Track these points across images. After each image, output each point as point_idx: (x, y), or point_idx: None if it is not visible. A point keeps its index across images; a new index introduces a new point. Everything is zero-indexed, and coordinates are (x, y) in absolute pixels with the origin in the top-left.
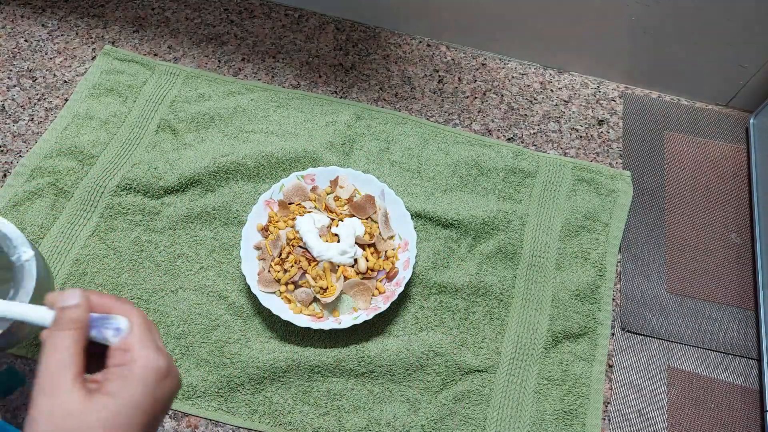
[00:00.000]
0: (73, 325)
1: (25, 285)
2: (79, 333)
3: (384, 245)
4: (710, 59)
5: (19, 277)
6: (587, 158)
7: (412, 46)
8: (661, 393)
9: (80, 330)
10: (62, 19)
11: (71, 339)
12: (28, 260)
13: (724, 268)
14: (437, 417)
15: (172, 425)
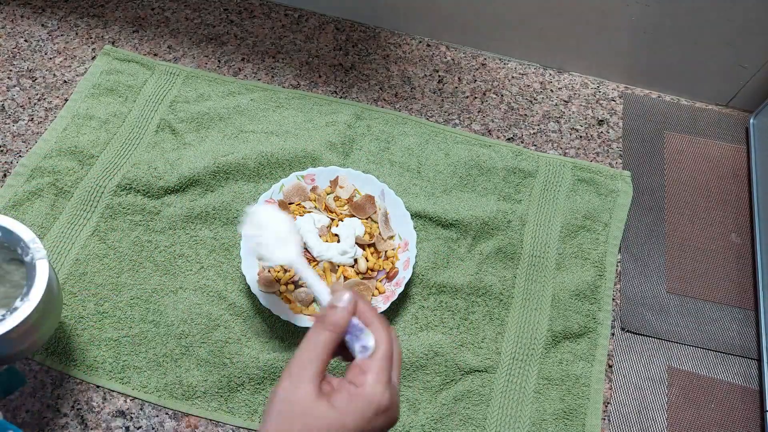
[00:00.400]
0: (333, 327)
1: (38, 284)
2: (335, 336)
3: (384, 245)
4: (710, 59)
5: (32, 274)
6: (587, 158)
7: (412, 46)
8: (661, 393)
9: (337, 333)
10: (62, 19)
11: (326, 339)
12: (41, 259)
13: (724, 268)
14: (437, 417)
15: (172, 425)
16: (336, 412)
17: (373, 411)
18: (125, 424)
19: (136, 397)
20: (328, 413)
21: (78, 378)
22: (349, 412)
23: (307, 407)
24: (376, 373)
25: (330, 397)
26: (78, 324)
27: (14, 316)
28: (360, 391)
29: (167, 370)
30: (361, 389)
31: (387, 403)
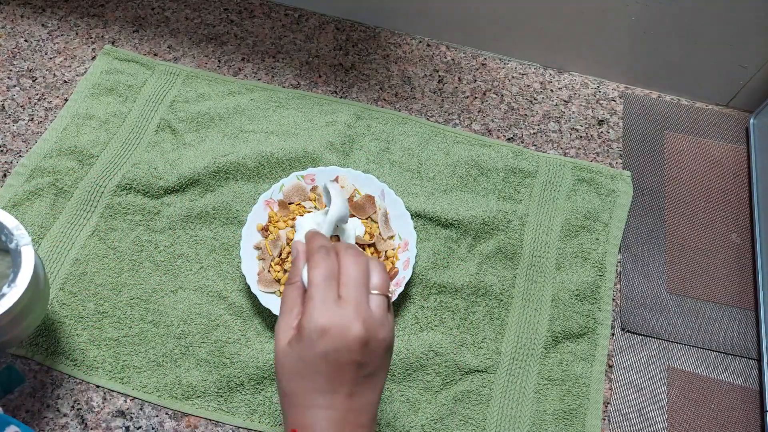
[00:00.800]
0: (290, 279)
1: (24, 270)
2: (292, 286)
3: (384, 245)
4: (710, 59)
5: (17, 261)
6: (587, 158)
7: (412, 46)
8: (661, 393)
9: (292, 284)
10: (62, 19)
11: (287, 292)
12: (26, 245)
13: (724, 268)
14: (437, 417)
15: (172, 425)
16: (291, 348)
17: (317, 333)
18: (125, 424)
19: (136, 397)
20: (290, 353)
21: (78, 378)
22: (302, 345)
23: (280, 356)
24: (309, 300)
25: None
26: (78, 324)
27: (1, 303)
28: (301, 322)
29: (167, 370)
30: (302, 319)
31: (325, 322)
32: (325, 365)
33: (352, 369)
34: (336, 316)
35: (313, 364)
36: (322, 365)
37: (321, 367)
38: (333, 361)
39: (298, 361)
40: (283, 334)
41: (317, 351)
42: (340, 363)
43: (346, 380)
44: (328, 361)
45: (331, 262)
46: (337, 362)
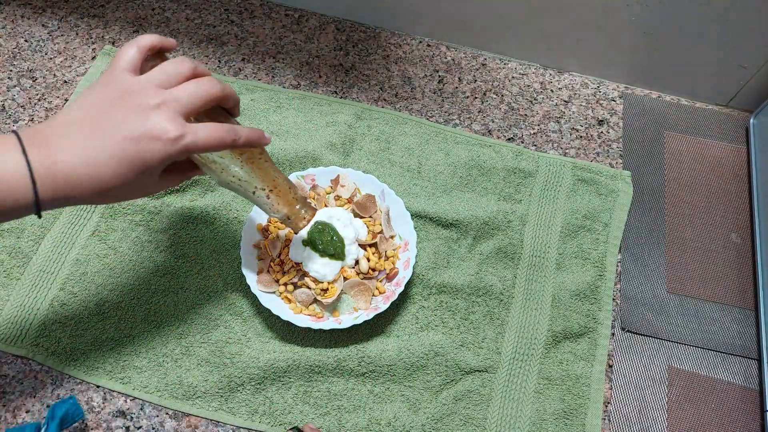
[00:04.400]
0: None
1: None
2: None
3: (385, 245)
4: (710, 59)
5: None
6: (587, 158)
7: (412, 46)
8: (661, 393)
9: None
10: (62, 19)
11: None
12: None
13: (724, 268)
14: (437, 417)
15: (172, 425)
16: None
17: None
18: (125, 424)
19: (137, 397)
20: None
21: (78, 378)
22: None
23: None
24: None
25: None
26: (78, 324)
27: None
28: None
29: (167, 370)
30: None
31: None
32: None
33: None
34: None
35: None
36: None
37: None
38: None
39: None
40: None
41: (111, 103)
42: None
43: None
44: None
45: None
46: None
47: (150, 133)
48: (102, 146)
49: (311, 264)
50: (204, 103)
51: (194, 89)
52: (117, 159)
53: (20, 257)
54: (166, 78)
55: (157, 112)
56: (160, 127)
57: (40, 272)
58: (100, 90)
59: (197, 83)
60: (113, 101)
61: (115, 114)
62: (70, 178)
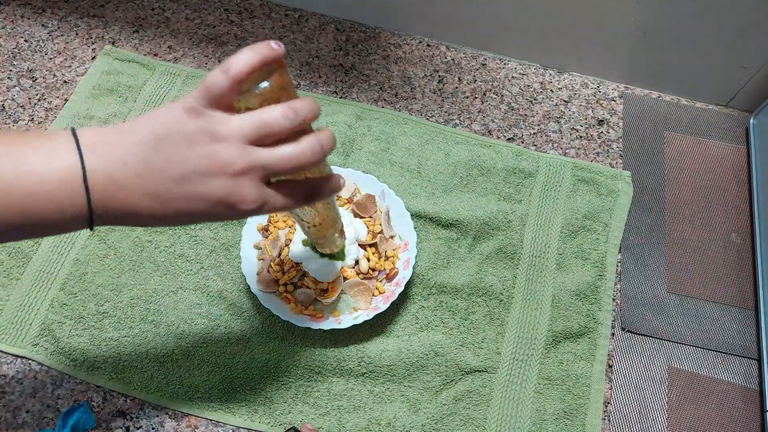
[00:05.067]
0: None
1: None
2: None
3: (385, 245)
4: (710, 59)
5: None
6: (587, 158)
7: (412, 46)
8: (661, 393)
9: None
10: (62, 19)
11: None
12: None
13: (724, 268)
14: (437, 417)
15: (172, 425)
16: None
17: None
18: (125, 424)
19: (137, 397)
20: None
21: (78, 378)
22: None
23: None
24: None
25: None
26: (78, 324)
27: None
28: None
29: (167, 371)
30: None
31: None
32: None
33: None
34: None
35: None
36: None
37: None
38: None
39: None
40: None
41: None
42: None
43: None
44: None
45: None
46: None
47: (227, 200)
48: (168, 190)
49: (311, 264)
50: (295, 170)
51: (289, 156)
52: (182, 211)
53: (20, 257)
54: (262, 135)
55: (241, 180)
56: (239, 196)
57: (40, 272)
58: (181, 119)
59: (295, 149)
60: (192, 143)
61: (192, 160)
62: (128, 203)
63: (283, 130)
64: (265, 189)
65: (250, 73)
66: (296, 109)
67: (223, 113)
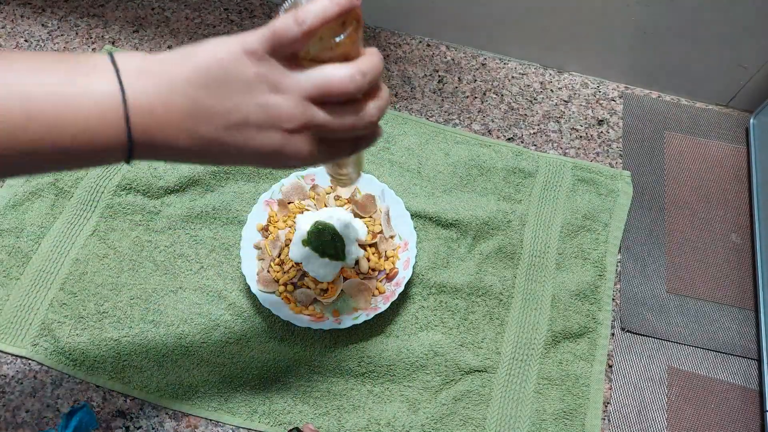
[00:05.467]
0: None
1: None
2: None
3: (385, 245)
4: (710, 59)
5: None
6: (587, 158)
7: (412, 46)
8: (661, 393)
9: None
10: (62, 19)
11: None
12: None
13: (724, 268)
14: (437, 417)
15: (172, 425)
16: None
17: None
18: (125, 424)
19: (136, 397)
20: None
21: (78, 378)
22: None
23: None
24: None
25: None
26: (78, 324)
27: None
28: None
29: (167, 370)
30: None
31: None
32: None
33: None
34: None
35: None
36: None
37: None
38: None
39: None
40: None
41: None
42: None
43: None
44: None
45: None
46: None
47: (279, 154)
48: (216, 136)
49: (311, 264)
50: (349, 134)
51: (350, 124)
52: (229, 156)
53: (20, 257)
54: (324, 94)
55: (296, 136)
56: (292, 153)
57: (39, 272)
58: (241, 62)
59: (355, 117)
60: (250, 91)
61: (247, 109)
62: (171, 141)
63: (348, 93)
64: (316, 145)
65: (325, 24)
66: (365, 72)
67: (287, 62)
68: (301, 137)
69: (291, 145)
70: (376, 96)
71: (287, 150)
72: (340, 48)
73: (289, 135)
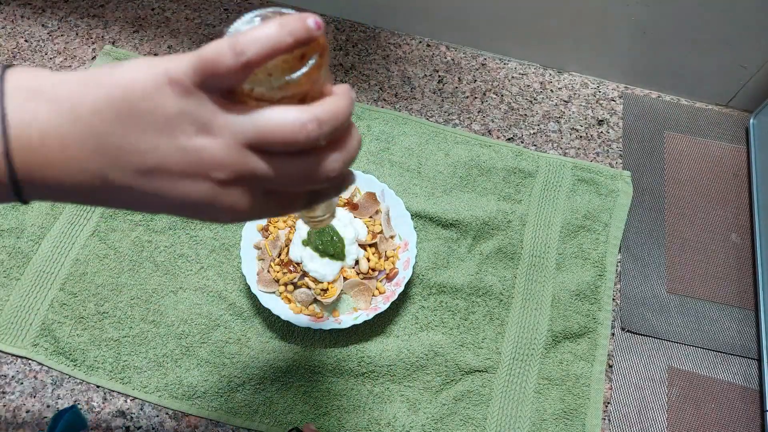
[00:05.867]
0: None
1: None
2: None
3: (385, 245)
4: (710, 59)
5: None
6: (587, 158)
7: (412, 46)
8: (661, 393)
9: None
10: (62, 19)
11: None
12: None
13: (724, 268)
14: (437, 417)
15: (172, 425)
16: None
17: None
18: (125, 424)
19: (137, 397)
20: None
21: (78, 378)
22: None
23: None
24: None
25: None
26: (78, 324)
27: None
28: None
29: (167, 370)
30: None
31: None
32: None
33: None
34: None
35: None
36: None
37: None
38: None
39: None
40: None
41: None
42: None
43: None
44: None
45: None
46: None
47: (207, 209)
48: (126, 181)
49: (311, 264)
50: (302, 188)
51: (303, 179)
52: (143, 206)
53: (20, 257)
54: (265, 142)
55: (229, 189)
56: (223, 208)
57: (40, 272)
58: (162, 94)
59: (307, 168)
60: (171, 130)
61: (166, 153)
62: (70, 180)
63: (297, 145)
64: (259, 199)
65: (270, 58)
66: (323, 120)
67: (221, 99)
68: (238, 190)
69: (224, 197)
70: (341, 145)
71: (220, 203)
72: (293, 88)
73: (221, 186)
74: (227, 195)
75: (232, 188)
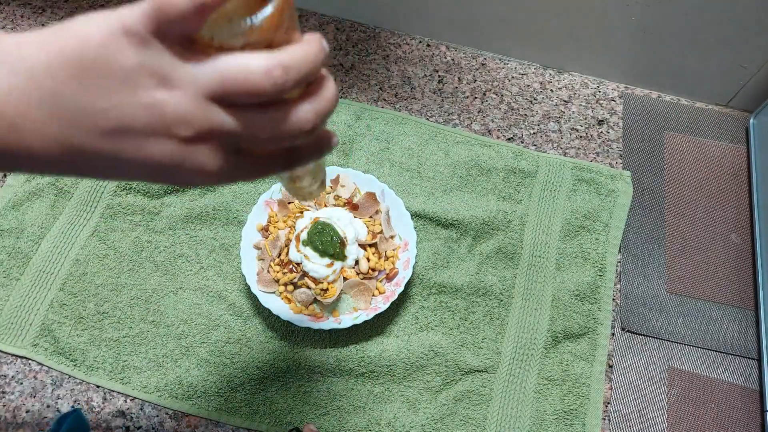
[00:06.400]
0: None
1: None
2: None
3: (385, 245)
4: (710, 59)
5: None
6: (587, 158)
7: (412, 46)
8: (661, 393)
9: None
10: (62, 19)
11: None
12: None
13: (724, 268)
14: (437, 417)
15: (172, 425)
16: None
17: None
18: (125, 424)
19: (136, 397)
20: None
21: (78, 378)
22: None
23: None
24: None
25: None
26: (78, 324)
27: None
28: None
29: (167, 371)
30: None
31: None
32: None
33: None
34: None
35: None
36: None
37: None
38: None
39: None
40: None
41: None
42: None
43: None
44: None
45: None
46: None
47: (174, 171)
48: (89, 143)
49: (311, 264)
50: (275, 145)
51: (274, 134)
52: (108, 169)
53: (20, 257)
54: (228, 93)
55: (196, 147)
56: (191, 168)
57: (40, 272)
58: (118, 46)
59: (284, 126)
60: (131, 84)
61: (128, 110)
62: (27, 147)
63: (263, 93)
64: (229, 158)
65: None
66: (289, 66)
67: (179, 48)
68: (206, 148)
69: (191, 157)
70: (313, 95)
71: (187, 164)
72: (257, 33)
73: (187, 145)
74: (195, 154)
75: (199, 146)
